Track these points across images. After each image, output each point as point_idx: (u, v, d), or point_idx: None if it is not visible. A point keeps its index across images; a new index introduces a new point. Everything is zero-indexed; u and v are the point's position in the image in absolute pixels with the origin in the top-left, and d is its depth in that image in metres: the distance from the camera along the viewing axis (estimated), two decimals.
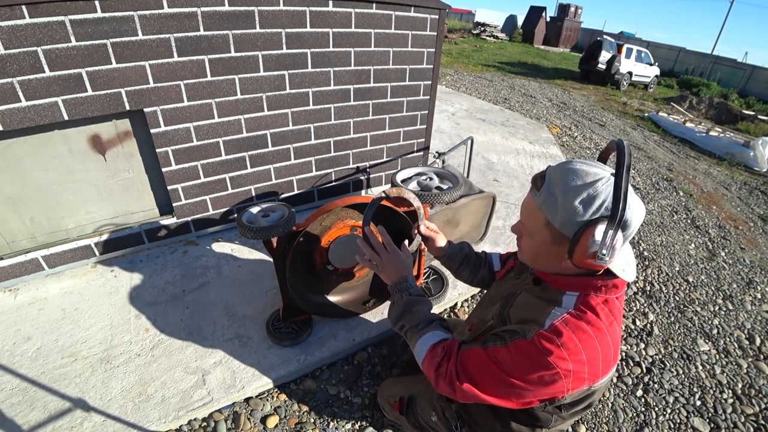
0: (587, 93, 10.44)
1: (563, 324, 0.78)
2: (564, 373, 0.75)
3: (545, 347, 0.76)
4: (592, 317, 0.78)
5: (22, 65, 1.65)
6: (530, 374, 0.77)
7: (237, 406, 1.61)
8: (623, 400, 1.88)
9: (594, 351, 0.77)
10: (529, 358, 0.77)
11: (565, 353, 0.75)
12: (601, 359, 0.78)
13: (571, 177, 0.76)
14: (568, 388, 0.78)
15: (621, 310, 0.85)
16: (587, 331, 0.77)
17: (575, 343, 0.76)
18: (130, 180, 2.21)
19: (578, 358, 0.76)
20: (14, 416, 1.43)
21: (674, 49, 20.28)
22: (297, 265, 1.67)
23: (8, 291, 2.00)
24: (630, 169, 0.70)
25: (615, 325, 0.81)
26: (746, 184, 5.30)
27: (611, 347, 0.80)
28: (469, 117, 5.86)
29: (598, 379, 0.80)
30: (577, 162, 0.79)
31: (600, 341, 0.78)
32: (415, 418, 1.35)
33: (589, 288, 0.81)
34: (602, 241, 0.71)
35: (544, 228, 0.80)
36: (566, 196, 0.74)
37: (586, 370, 0.77)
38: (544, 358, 0.75)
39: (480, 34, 20.22)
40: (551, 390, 0.78)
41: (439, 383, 0.90)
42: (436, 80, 2.94)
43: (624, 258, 0.82)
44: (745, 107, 11.68)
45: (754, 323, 2.53)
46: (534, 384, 0.78)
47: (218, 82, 2.13)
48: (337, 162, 2.84)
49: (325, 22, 2.29)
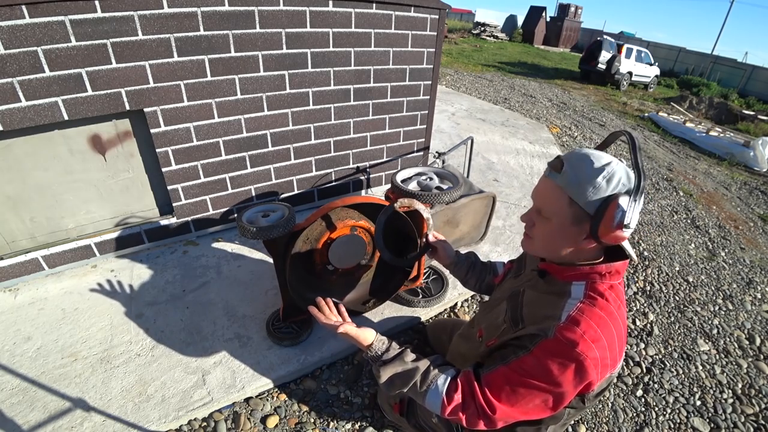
0: (587, 93, 10.44)
1: (579, 313, 0.79)
2: (593, 362, 0.76)
3: (570, 339, 0.76)
4: (603, 303, 0.81)
5: (22, 65, 1.65)
6: (564, 372, 0.77)
7: (237, 406, 1.61)
8: (623, 400, 1.88)
9: (611, 335, 0.79)
10: (558, 356, 0.77)
11: (589, 341, 0.76)
12: (617, 342, 0.80)
13: (591, 160, 0.82)
14: (597, 377, 0.79)
15: (624, 295, 0.88)
16: (602, 317, 0.79)
17: (595, 329, 0.78)
18: (130, 180, 2.21)
19: (601, 344, 0.77)
20: (14, 416, 1.43)
21: (674, 49, 20.27)
22: (297, 265, 1.67)
23: (8, 291, 2.00)
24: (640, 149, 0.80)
25: (622, 309, 0.84)
26: (746, 184, 5.30)
27: (623, 329, 0.83)
28: (469, 117, 5.86)
29: (617, 363, 0.82)
30: (587, 149, 0.86)
31: (614, 325, 0.80)
32: (415, 419, 1.35)
33: (595, 276, 0.84)
34: (623, 212, 0.77)
35: (567, 207, 0.83)
36: (590, 175, 0.80)
37: (608, 355, 0.79)
38: (572, 351, 0.76)
39: (480, 34, 20.22)
40: (584, 382, 0.78)
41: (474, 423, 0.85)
42: (436, 80, 2.94)
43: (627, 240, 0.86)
44: (745, 107, 11.68)
45: (754, 323, 2.53)
46: (570, 381, 0.78)
47: (218, 82, 2.13)
48: (337, 162, 2.84)
49: (325, 22, 2.29)
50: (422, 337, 1.98)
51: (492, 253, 2.60)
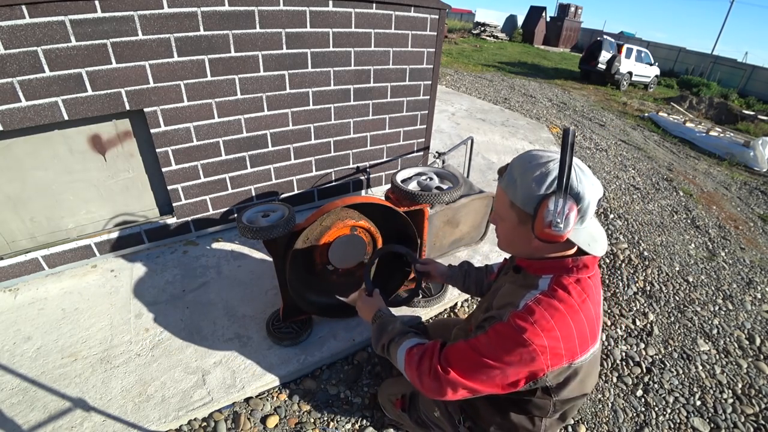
0: (587, 93, 10.44)
1: (536, 303, 0.84)
2: (540, 349, 0.81)
3: (519, 325, 0.82)
4: (564, 295, 0.85)
5: (22, 65, 1.65)
6: (509, 353, 0.83)
7: (237, 406, 1.61)
8: (623, 400, 1.88)
9: (567, 327, 0.83)
10: (506, 338, 0.84)
11: (538, 330, 0.81)
12: (576, 335, 0.83)
13: (527, 160, 0.87)
14: (547, 364, 0.82)
15: (595, 289, 0.90)
16: (559, 309, 0.83)
17: (548, 320, 0.82)
18: (130, 180, 2.21)
19: (552, 335, 0.81)
20: (14, 416, 1.43)
21: (674, 49, 20.27)
22: (297, 265, 1.67)
23: (8, 291, 2.00)
24: (573, 146, 0.78)
25: (588, 303, 0.86)
26: (746, 184, 5.30)
27: (585, 324, 0.85)
28: (469, 117, 5.85)
29: (577, 356, 0.85)
30: (535, 150, 0.89)
31: (573, 318, 0.83)
32: (417, 414, 1.35)
33: (562, 269, 0.88)
34: (555, 211, 0.79)
35: (510, 209, 0.90)
36: (524, 176, 0.85)
37: (562, 345, 0.82)
38: (519, 336, 0.81)
39: (480, 34, 20.21)
40: (531, 367, 0.83)
41: (423, 380, 0.93)
42: (436, 80, 2.94)
43: (590, 234, 0.88)
44: (745, 107, 11.68)
45: (754, 323, 2.53)
46: (513, 362, 0.83)
47: (218, 82, 2.13)
48: (337, 162, 2.84)
49: (325, 22, 2.29)
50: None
51: (492, 253, 2.60)
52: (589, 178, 0.84)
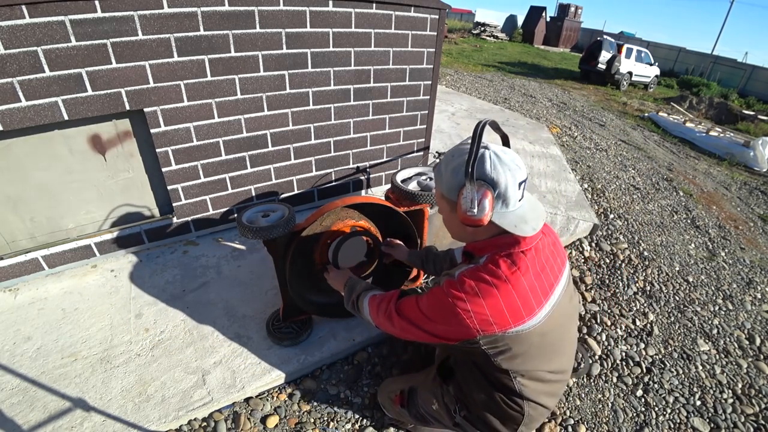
0: (587, 93, 10.44)
1: (466, 274, 0.97)
2: (464, 313, 0.92)
3: (449, 291, 0.95)
4: (492, 269, 0.95)
5: (22, 65, 1.65)
6: (437, 311, 0.98)
7: (237, 406, 1.61)
8: (623, 400, 1.88)
9: (493, 297, 0.92)
10: (437, 299, 0.99)
11: (463, 295, 0.93)
12: (504, 306, 0.92)
13: (451, 153, 0.98)
14: (476, 328, 0.92)
15: (529, 263, 0.97)
16: (485, 279, 0.93)
17: (473, 288, 0.93)
18: (130, 180, 2.21)
19: (477, 301, 0.92)
20: (14, 416, 1.43)
21: (674, 49, 20.29)
22: (297, 265, 1.67)
23: (8, 291, 2.00)
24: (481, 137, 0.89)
25: (519, 275, 0.94)
26: (746, 184, 5.30)
27: (516, 296, 0.93)
28: (469, 117, 5.85)
29: (509, 326, 0.93)
30: (463, 142, 0.98)
31: (500, 289, 0.92)
32: (416, 409, 1.38)
33: (495, 248, 0.99)
34: (467, 198, 0.90)
35: (441, 200, 1.04)
36: (446, 167, 0.97)
37: (488, 312, 0.92)
38: (446, 299, 0.95)
39: (480, 34, 20.22)
40: (459, 328, 0.94)
41: (380, 318, 1.14)
42: (436, 80, 2.94)
43: (519, 216, 0.95)
44: (745, 107, 11.69)
45: (754, 323, 2.53)
46: (441, 320, 0.98)
47: (218, 82, 2.13)
48: (337, 162, 2.84)
49: (325, 22, 2.29)
50: None
51: None
52: (506, 164, 0.91)
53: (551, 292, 1.00)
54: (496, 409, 1.12)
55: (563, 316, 1.06)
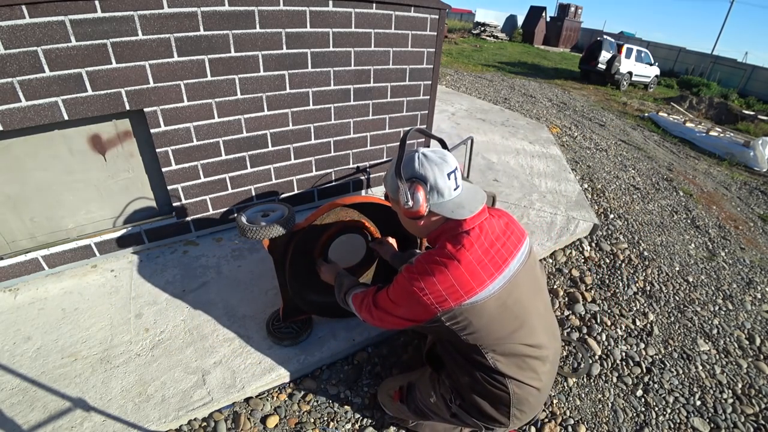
0: (587, 93, 10.44)
1: (419, 258, 1.08)
2: (420, 292, 1.02)
3: (406, 275, 1.07)
4: (440, 250, 1.06)
5: (22, 65, 1.65)
6: (400, 295, 1.10)
7: (237, 406, 1.61)
8: (623, 400, 1.88)
9: (442, 273, 1.01)
10: (399, 284, 1.10)
11: (417, 276, 1.04)
12: (454, 280, 1.00)
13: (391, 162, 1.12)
14: (433, 304, 1.02)
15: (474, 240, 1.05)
16: (435, 259, 1.04)
17: (425, 268, 1.04)
18: (130, 180, 2.21)
19: (429, 279, 1.02)
20: (14, 416, 1.43)
21: (674, 49, 20.28)
22: (297, 265, 1.67)
23: (8, 291, 2.00)
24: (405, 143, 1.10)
25: (464, 251, 1.02)
26: (746, 184, 5.30)
27: (462, 270, 1.01)
28: (469, 117, 5.85)
29: (462, 298, 1.01)
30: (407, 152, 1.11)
31: (449, 265, 1.01)
32: (415, 404, 1.41)
33: (445, 234, 1.10)
34: (402, 194, 1.05)
35: (393, 202, 1.16)
36: (388, 174, 1.15)
37: (441, 288, 1.01)
38: (405, 282, 1.06)
39: (480, 34, 20.22)
40: (419, 307, 1.04)
41: (363, 314, 1.25)
42: (436, 80, 2.94)
43: (457, 203, 1.07)
44: (745, 107, 11.69)
45: (754, 323, 2.53)
46: (404, 303, 1.09)
47: (218, 82, 2.13)
48: (337, 162, 2.84)
49: (325, 22, 2.29)
50: (421, 337, 1.98)
51: None
52: (433, 161, 1.05)
53: (504, 264, 1.07)
54: (481, 389, 1.16)
55: (523, 287, 1.11)
